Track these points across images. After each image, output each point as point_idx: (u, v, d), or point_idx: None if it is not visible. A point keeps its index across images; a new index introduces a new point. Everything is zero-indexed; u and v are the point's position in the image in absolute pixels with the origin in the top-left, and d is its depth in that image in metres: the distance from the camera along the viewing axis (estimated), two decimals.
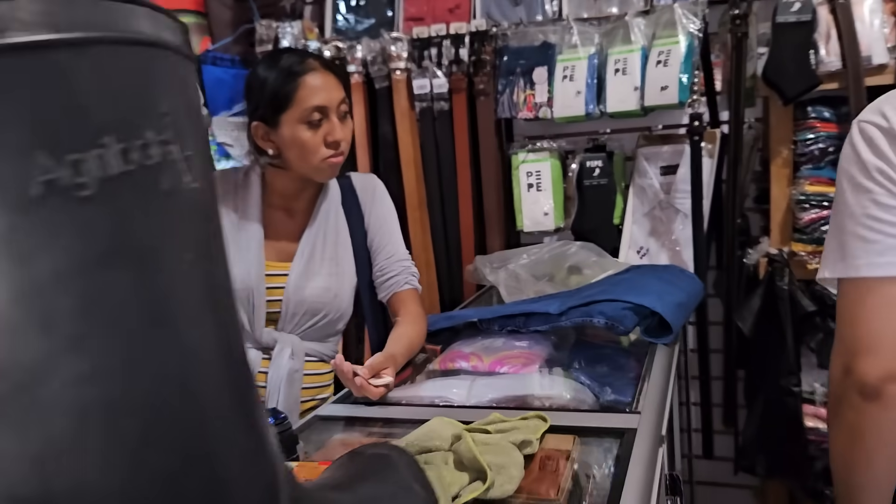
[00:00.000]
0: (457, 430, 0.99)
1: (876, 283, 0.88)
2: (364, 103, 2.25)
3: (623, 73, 1.99)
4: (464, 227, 2.21)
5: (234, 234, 1.45)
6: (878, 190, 0.89)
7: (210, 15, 2.50)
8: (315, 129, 1.38)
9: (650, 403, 1.15)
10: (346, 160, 2.24)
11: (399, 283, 1.54)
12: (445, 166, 2.22)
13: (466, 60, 2.14)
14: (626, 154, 2.15)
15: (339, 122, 1.40)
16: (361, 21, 2.39)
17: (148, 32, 0.31)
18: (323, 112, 1.39)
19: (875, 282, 0.88)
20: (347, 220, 1.55)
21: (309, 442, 1.09)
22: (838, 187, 0.95)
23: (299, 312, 1.46)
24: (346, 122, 1.43)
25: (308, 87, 1.37)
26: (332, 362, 1.24)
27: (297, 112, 1.37)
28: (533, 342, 1.56)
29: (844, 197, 0.94)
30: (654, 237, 2.07)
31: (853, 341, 0.90)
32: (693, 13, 1.93)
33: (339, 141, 1.40)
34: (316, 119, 1.38)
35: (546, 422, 1.05)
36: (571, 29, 2.06)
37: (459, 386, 1.28)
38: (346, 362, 1.21)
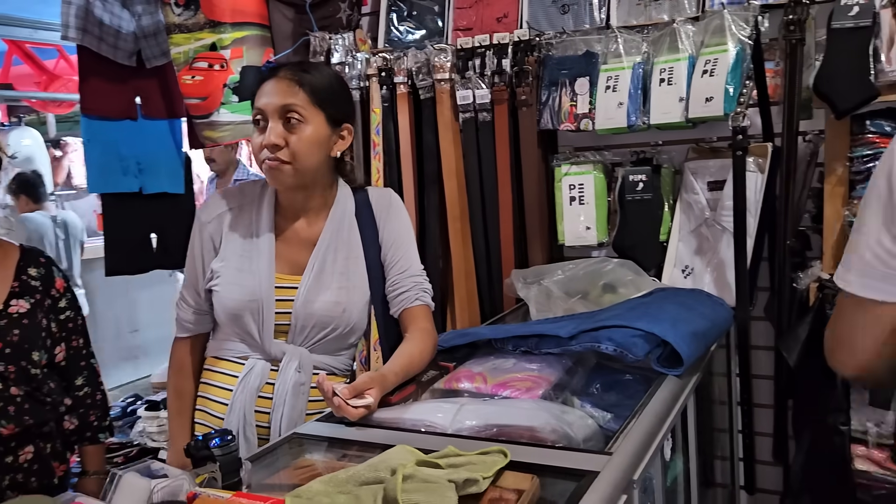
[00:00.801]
0: (411, 460, 0.99)
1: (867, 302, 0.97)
2: (409, 113, 2.26)
3: (668, 83, 1.90)
4: (504, 239, 2.19)
5: (247, 247, 1.49)
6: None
7: (273, 27, 2.59)
8: (259, 131, 1.42)
9: (628, 444, 1.09)
10: (390, 168, 2.30)
11: (410, 298, 1.53)
12: (487, 177, 2.19)
13: (509, 71, 2.11)
14: (676, 168, 2.05)
15: (275, 127, 1.40)
16: (412, 32, 2.40)
17: None
18: (262, 115, 1.41)
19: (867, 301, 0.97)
20: (361, 233, 1.55)
21: (276, 461, 1.11)
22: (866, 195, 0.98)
23: (308, 325, 1.48)
24: (294, 131, 1.41)
25: (260, 91, 1.43)
26: (316, 380, 1.25)
27: (253, 114, 1.43)
28: (545, 365, 1.52)
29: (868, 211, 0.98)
30: (699, 256, 1.97)
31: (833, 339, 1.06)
32: (744, 19, 1.81)
33: (269, 145, 1.39)
34: (258, 121, 1.42)
35: (506, 457, 1.02)
36: (616, 37, 1.98)
37: (445, 411, 1.26)
38: (327, 381, 1.23)
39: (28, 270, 1.58)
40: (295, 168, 1.42)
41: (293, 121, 1.41)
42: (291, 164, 1.41)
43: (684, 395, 1.36)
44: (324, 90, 1.44)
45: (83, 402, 1.66)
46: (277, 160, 1.41)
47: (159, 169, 2.68)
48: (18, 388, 1.49)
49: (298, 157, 1.41)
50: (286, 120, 1.40)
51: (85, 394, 1.67)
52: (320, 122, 1.44)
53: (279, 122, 1.40)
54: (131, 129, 2.61)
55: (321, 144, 1.45)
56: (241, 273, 1.47)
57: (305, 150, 1.42)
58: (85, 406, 1.66)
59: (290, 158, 1.41)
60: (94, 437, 1.68)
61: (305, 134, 1.42)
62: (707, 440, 1.81)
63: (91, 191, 2.67)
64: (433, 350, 1.53)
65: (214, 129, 2.58)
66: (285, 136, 1.40)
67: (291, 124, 1.41)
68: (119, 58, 2.48)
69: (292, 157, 1.41)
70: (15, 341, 1.48)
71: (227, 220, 1.52)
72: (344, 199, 1.55)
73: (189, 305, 1.56)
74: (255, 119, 1.43)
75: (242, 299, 1.45)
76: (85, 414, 1.66)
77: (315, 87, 1.43)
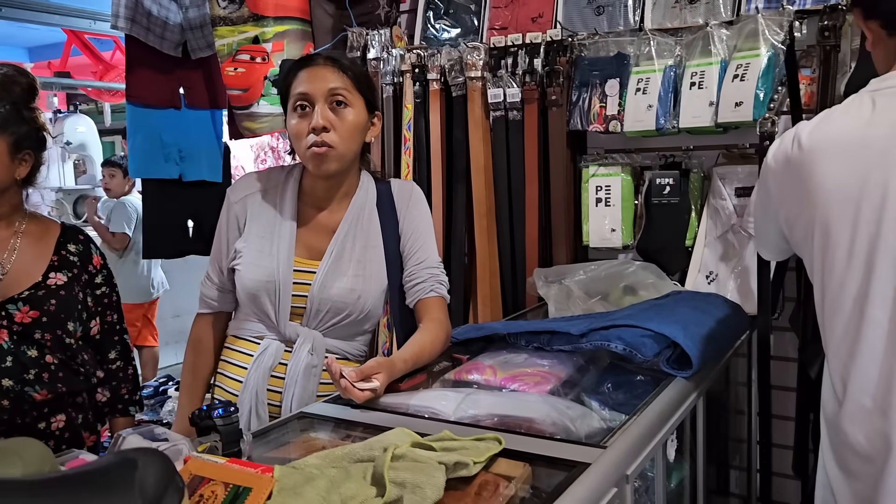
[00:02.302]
0: (407, 441, 1.01)
1: None
2: (441, 110, 2.29)
3: (699, 87, 1.89)
4: (529, 238, 2.19)
5: (269, 230, 1.53)
6: None
7: (314, 22, 2.65)
8: (302, 117, 1.44)
9: (624, 440, 1.09)
10: (420, 164, 2.33)
11: (425, 289, 1.56)
12: (515, 176, 2.21)
13: (540, 71, 2.12)
14: (705, 173, 2.03)
15: (324, 110, 1.42)
16: (448, 30, 2.43)
17: None
18: (307, 100, 1.43)
19: None
20: (382, 223, 1.58)
21: (281, 437, 1.14)
22: None
23: (323, 310, 1.52)
24: (341, 115, 1.44)
25: (300, 77, 1.45)
26: (325, 361, 1.28)
27: (291, 101, 1.46)
28: (557, 362, 1.53)
29: None
30: (724, 262, 1.95)
31: None
32: (778, 24, 1.79)
33: (318, 127, 1.41)
34: (301, 106, 1.44)
35: (500, 444, 1.04)
36: (649, 39, 1.97)
37: (450, 399, 1.29)
38: (335, 363, 1.26)
39: (67, 246, 1.65)
40: (339, 153, 1.45)
41: (339, 104, 1.44)
42: (336, 148, 1.44)
43: (692, 398, 1.35)
44: (362, 76, 1.50)
45: (115, 375, 1.72)
46: (325, 144, 1.43)
47: (199, 157, 2.76)
48: (53, 356, 1.55)
49: (344, 140, 1.45)
50: (332, 103, 1.44)
51: (117, 367, 1.73)
52: (361, 106, 1.48)
53: (325, 106, 1.43)
54: (174, 117, 2.69)
55: (362, 129, 1.50)
56: (261, 254, 1.51)
57: (350, 133, 1.46)
58: (117, 379, 1.73)
59: (336, 142, 1.43)
60: (124, 410, 1.75)
61: (350, 118, 1.45)
62: (722, 448, 1.80)
63: (132, 176, 2.77)
64: (446, 341, 1.55)
65: (254, 120, 2.65)
66: (332, 120, 1.43)
67: (337, 108, 1.44)
68: (165, 48, 2.56)
69: (338, 140, 1.44)
70: (52, 311, 1.55)
71: (253, 202, 1.55)
72: (365, 189, 1.58)
73: (213, 283, 1.60)
74: (299, 105, 1.44)
75: (261, 280, 1.49)
76: (117, 387, 1.72)
77: (355, 72, 1.48)
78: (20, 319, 1.51)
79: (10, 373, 1.49)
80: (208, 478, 0.78)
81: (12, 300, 1.52)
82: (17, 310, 1.52)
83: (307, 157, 1.46)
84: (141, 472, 0.48)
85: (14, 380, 1.50)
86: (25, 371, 1.51)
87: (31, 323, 1.52)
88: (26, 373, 1.51)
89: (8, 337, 1.50)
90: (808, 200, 1.17)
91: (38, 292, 1.55)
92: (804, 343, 1.83)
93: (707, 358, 1.40)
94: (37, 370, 1.53)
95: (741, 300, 1.86)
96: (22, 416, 1.52)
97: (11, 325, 1.51)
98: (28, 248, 1.58)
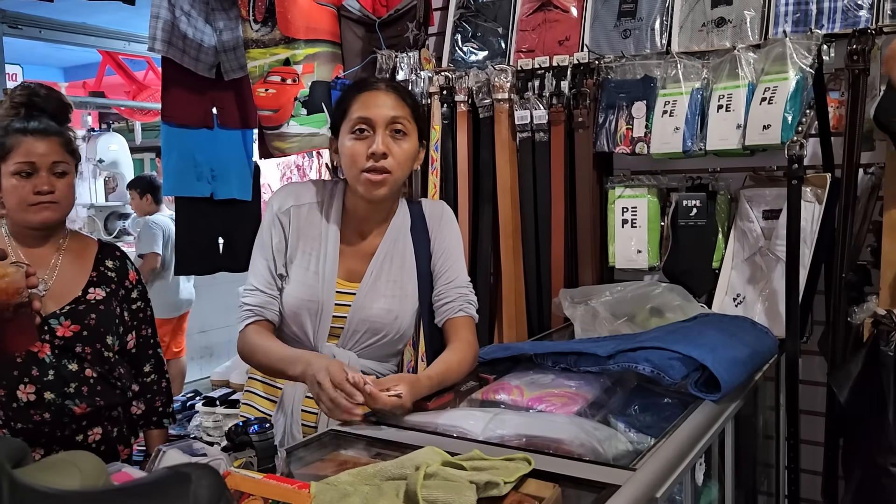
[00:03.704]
0: (437, 460, 1.02)
1: None
2: (468, 131, 2.31)
3: (727, 110, 1.90)
4: (555, 259, 2.20)
5: (315, 248, 1.55)
6: None
7: (344, 44, 2.70)
8: (360, 140, 1.46)
9: (654, 462, 1.09)
10: (447, 184, 2.36)
11: (453, 309, 1.58)
12: (541, 196, 2.22)
13: (567, 93, 2.14)
14: (732, 195, 2.04)
15: (384, 137, 1.45)
16: (476, 52, 2.46)
17: None
18: (368, 124, 1.45)
19: None
20: (414, 244, 1.60)
21: (312, 454, 1.16)
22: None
23: (360, 330, 1.54)
24: (400, 143, 1.47)
25: (360, 101, 1.47)
26: (350, 375, 1.28)
27: (349, 123, 1.47)
28: (584, 383, 1.53)
29: None
30: (752, 285, 1.94)
31: None
32: (806, 48, 1.80)
33: (377, 153, 1.43)
34: (361, 130, 1.46)
35: (530, 464, 1.05)
36: (676, 62, 1.99)
37: (478, 418, 1.30)
38: (359, 373, 1.28)
39: (105, 262, 1.70)
40: (394, 179, 1.47)
41: (399, 132, 1.47)
42: (392, 174, 1.46)
43: (720, 421, 1.35)
44: (418, 106, 1.53)
45: (150, 388, 1.76)
46: (382, 170, 1.45)
47: (230, 176, 2.81)
48: (93, 369, 1.60)
49: (400, 167, 1.47)
50: (393, 131, 1.46)
51: (152, 380, 1.77)
52: (415, 136, 1.51)
53: (386, 133, 1.45)
54: (207, 137, 2.75)
55: (414, 158, 1.53)
56: (307, 273, 1.53)
57: (405, 161, 1.48)
58: (152, 392, 1.76)
59: (392, 168, 1.46)
60: (159, 422, 1.78)
61: (406, 147, 1.48)
62: (750, 473, 1.78)
63: (166, 194, 2.83)
64: (473, 361, 1.56)
65: (284, 140, 2.70)
66: (390, 147, 1.46)
67: (396, 136, 1.46)
68: (200, 70, 2.63)
69: (395, 167, 1.46)
70: (92, 325, 1.60)
71: (297, 214, 1.56)
72: (403, 213, 1.61)
73: (257, 291, 1.54)
74: (358, 128, 1.46)
75: (304, 298, 1.52)
76: (151, 399, 1.76)
77: (414, 102, 1.51)
78: (62, 333, 1.56)
79: (52, 386, 1.54)
80: (247, 493, 0.81)
81: (54, 315, 1.56)
82: (58, 324, 1.56)
83: (361, 181, 1.47)
84: (195, 485, 0.50)
85: (55, 393, 1.54)
86: (66, 384, 1.55)
87: (72, 337, 1.57)
88: (67, 386, 1.55)
89: (50, 351, 1.55)
90: None
91: (79, 307, 1.60)
92: (833, 367, 1.82)
93: (735, 381, 1.40)
94: (77, 384, 1.57)
95: (769, 323, 1.85)
96: (62, 428, 1.56)
97: (53, 339, 1.55)
98: (68, 265, 1.63)
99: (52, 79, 6.87)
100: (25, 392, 1.52)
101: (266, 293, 1.54)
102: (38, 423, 1.53)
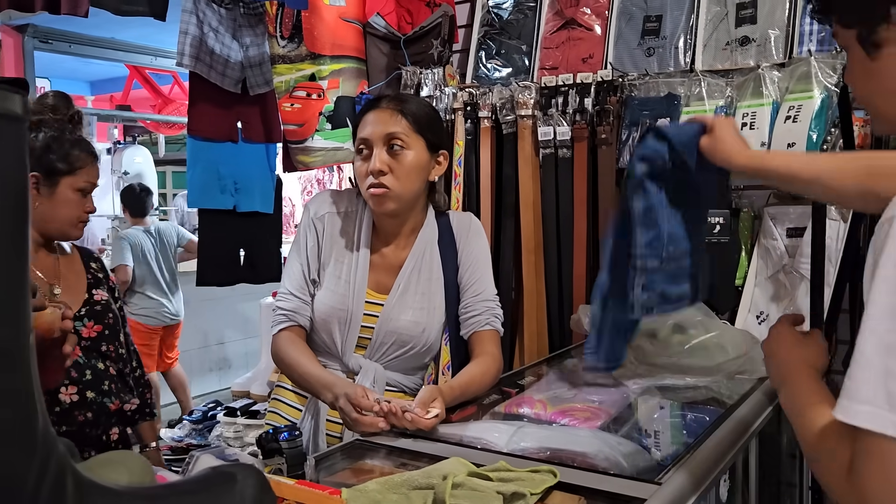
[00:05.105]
0: (463, 471, 1.03)
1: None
2: (491, 147, 2.33)
3: (750, 128, 1.91)
4: (577, 274, 2.21)
5: (346, 256, 1.57)
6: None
7: (369, 61, 2.73)
8: (363, 159, 1.50)
9: (679, 477, 1.09)
10: (469, 199, 2.38)
11: (480, 322, 1.59)
12: (564, 212, 2.23)
13: (590, 110, 2.16)
14: (755, 212, 2.04)
15: (381, 154, 1.47)
16: (499, 69, 2.49)
17: None
18: (367, 144, 1.49)
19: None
20: (442, 256, 1.61)
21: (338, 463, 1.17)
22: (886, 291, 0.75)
23: (388, 342, 1.55)
24: (398, 158, 1.48)
25: (363, 121, 1.51)
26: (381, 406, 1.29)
27: (356, 144, 1.52)
28: (606, 397, 1.54)
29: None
30: (775, 303, 1.94)
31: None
32: (831, 67, 1.80)
33: (374, 170, 1.46)
34: (362, 150, 1.50)
35: (555, 477, 1.05)
36: (700, 80, 2.00)
37: (502, 431, 1.30)
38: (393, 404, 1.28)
39: (91, 265, 1.74)
40: (396, 194, 1.49)
41: (396, 147, 1.49)
42: (392, 189, 1.48)
43: (745, 437, 1.34)
44: (423, 117, 1.53)
45: (139, 382, 1.80)
46: (382, 186, 1.47)
47: (253, 189, 2.85)
48: (115, 367, 1.64)
49: (401, 181, 1.49)
50: (390, 147, 1.48)
51: (139, 374, 1.81)
52: (420, 147, 1.52)
53: (383, 150, 1.48)
54: (231, 150, 2.79)
55: (421, 169, 1.53)
56: (338, 280, 1.55)
57: (407, 174, 1.50)
58: (141, 386, 1.80)
59: (393, 184, 1.48)
60: (150, 414, 1.81)
61: (408, 159, 1.50)
62: (773, 491, 1.77)
63: (190, 206, 2.87)
64: (497, 374, 1.57)
65: (308, 154, 2.73)
66: (389, 163, 1.48)
67: (395, 151, 1.48)
68: (226, 85, 2.67)
69: (394, 182, 1.48)
70: (111, 323, 1.64)
71: (332, 222, 1.59)
72: (431, 225, 1.62)
73: (291, 295, 1.56)
74: (359, 148, 1.51)
75: (335, 306, 1.54)
76: (142, 393, 1.79)
77: (415, 114, 1.51)
78: (87, 334, 1.60)
79: (91, 385, 1.58)
80: (281, 497, 0.82)
81: (77, 317, 1.59)
82: (83, 326, 1.59)
83: (367, 197, 1.51)
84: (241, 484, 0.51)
85: (95, 392, 1.58)
86: (102, 383, 1.59)
87: (97, 336, 1.61)
88: (103, 384, 1.59)
89: (81, 352, 1.58)
90: None
91: (95, 307, 1.64)
92: None
93: None
94: (108, 381, 1.61)
95: None
96: (98, 428, 1.60)
97: (80, 340, 1.59)
98: (67, 270, 1.67)
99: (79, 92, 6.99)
100: (68, 394, 1.55)
101: (299, 298, 1.56)
102: (82, 423, 1.57)
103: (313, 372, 1.47)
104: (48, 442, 0.43)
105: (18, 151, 0.43)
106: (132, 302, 4.29)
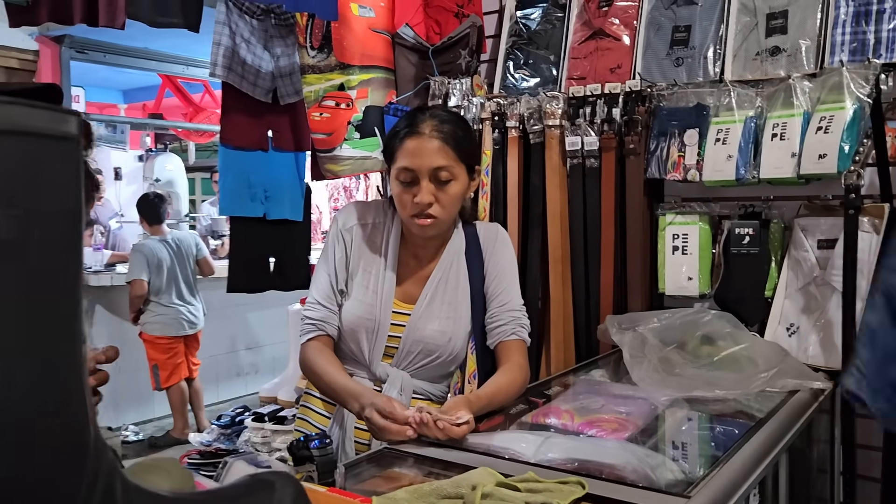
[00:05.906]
0: (491, 481, 1.04)
1: None
2: (518, 157, 2.34)
3: (781, 139, 1.89)
4: (604, 285, 2.21)
5: (374, 266, 1.59)
6: None
7: (397, 71, 2.76)
8: (406, 187, 1.49)
9: (708, 491, 1.09)
10: (497, 208, 2.38)
11: (506, 332, 1.59)
12: (591, 222, 2.23)
13: (618, 120, 2.16)
14: (785, 223, 2.02)
15: (428, 187, 1.47)
16: (527, 79, 2.50)
17: None
18: (412, 174, 1.48)
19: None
20: (468, 266, 1.63)
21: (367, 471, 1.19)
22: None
23: (414, 351, 1.57)
24: (445, 189, 1.49)
25: (405, 149, 1.48)
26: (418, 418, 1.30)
27: (396, 169, 1.51)
28: (634, 409, 1.54)
29: None
30: (806, 315, 1.92)
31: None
32: (863, 77, 1.78)
33: (422, 204, 1.47)
34: (406, 179, 1.49)
35: (584, 488, 1.06)
36: (729, 91, 1.99)
37: (530, 441, 1.31)
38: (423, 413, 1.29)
39: None
40: (441, 220, 1.51)
41: (444, 180, 1.49)
42: (439, 218, 1.50)
43: (775, 451, 1.33)
44: (465, 142, 1.52)
45: None
46: (430, 217, 1.49)
47: (283, 197, 2.89)
48: None
49: (446, 209, 1.51)
50: (436, 178, 1.48)
51: None
52: (464, 175, 1.53)
53: (430, 182, 1.48)
54: (261, 159, 2.83)
55: (463, 195, 1.55)
56: (366, 291, 1.57)
57: (453, 203, 1.52)
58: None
59: (440, 213, 1.49)
60: None
61: (454, 190, 1.51)
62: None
63: (221, 213, 2.91)
64: (523, 384, 1.57)
65: (336, 163, 2.77)
66: (436, 194, 1.48)
67: (442, 182, 1.49)
68: (257, 94, 2.71)
69: (441, 212, 1.50)
70: None
71: (359, 232, 1.61)
72: (458, 236, 1.64)
73: (319, 305, 1.59)
74: (402, 175, 1.48)
75: (362, 316, 1.56)
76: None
77: (458, 141, 1.50)
78: None
79: None
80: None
81: None
82: None
83: (410, 224, 1.52)
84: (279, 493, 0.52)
85: None
86: None
87: None
88: None
89: None
90: None
91: None
92: None
93: None
94: None
95: (824, 354, 1.82)
96: None
97: None
98: None
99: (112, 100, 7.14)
100: None
101: (327, 307, 1.58)
102: None
103: (340, 381, 1.49)
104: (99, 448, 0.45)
105: (76, 173, 0.45)
106: (148, 310, 4.34)
